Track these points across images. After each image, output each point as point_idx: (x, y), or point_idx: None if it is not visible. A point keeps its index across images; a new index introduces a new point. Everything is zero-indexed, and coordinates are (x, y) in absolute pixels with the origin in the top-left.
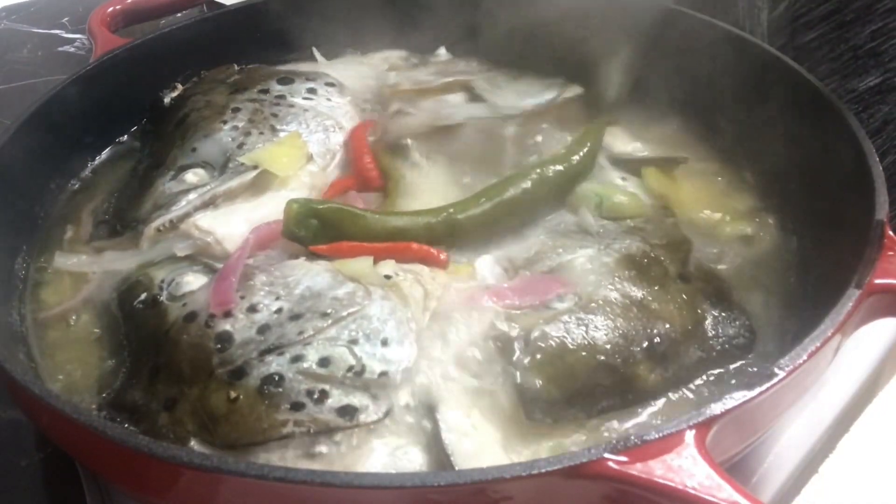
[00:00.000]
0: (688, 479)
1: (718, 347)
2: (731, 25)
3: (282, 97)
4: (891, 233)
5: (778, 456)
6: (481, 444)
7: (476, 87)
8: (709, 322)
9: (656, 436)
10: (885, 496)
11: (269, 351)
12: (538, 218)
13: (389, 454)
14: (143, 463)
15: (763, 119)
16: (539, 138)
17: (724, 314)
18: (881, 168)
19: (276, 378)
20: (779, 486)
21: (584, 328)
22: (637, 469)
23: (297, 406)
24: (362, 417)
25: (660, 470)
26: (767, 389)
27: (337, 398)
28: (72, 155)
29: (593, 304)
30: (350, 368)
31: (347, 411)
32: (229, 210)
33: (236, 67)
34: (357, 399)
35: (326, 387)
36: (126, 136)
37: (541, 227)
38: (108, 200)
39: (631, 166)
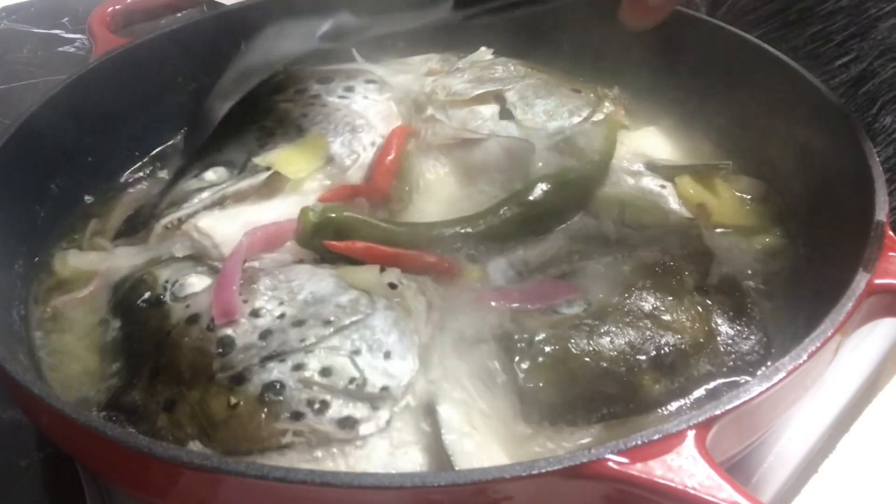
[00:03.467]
0: (688, 479)
1: (730, 363)
2: None
3: (317, 96)
4: (891, 233)
5: (778, 456)
6: (482, 444)
7: (507, 101)
8: (722, 336)
9: (656, 436)
10: (885, 496)
11: (270, 357)
12: (558, 223)
13: (389, 454)
14: (143, 463)
15: (761, 119)
16: (564, 155)
17: (739, 329)
18: (881, 168)
19: (278, 386)
20: (779, 486)
21: (589, 335)
22: (637, 469)
23: (297, 415)
24: (362, 429)
25: (660, 470)
26: (767, 389)
27: (337, 409)
28: (72, 155)
29: (602, 312)
30: (352, 380)
31: (348, 423)
32: (234, 212)
33: (281, 67)
34: (358, 410)
35: (327, 397)
36: (126, 137)
37: (561, 232)
38: (144, 202)
39: (670, 173)
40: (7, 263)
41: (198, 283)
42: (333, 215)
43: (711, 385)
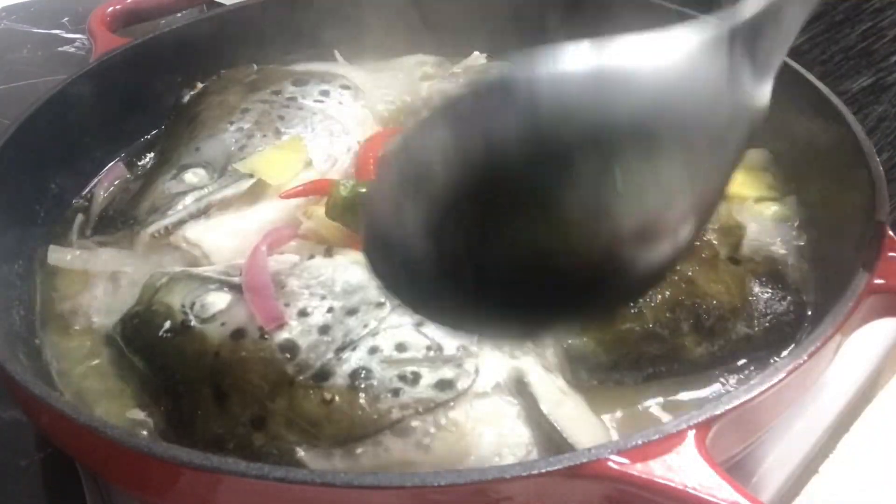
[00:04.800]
0: (688, 479)
1: (766, 324)
2: None
3: (293, 99)
4: (891, 233)
5: (778, 456)
6: (575, 407)
7: None
8: (757, 301)
9: (656, 436)
10: (885, 496)
11: (342, 348)
12: None
13: (496, 435)
14: (143, 463)
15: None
16: None
17: (773, 293)
18: (881, 168)
19: (364, 372)
20: (779, 486)
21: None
22: (637, 469)
23: (395, 391)
24: (460, 385)
25: (660, 470)
26: (767, 389)
27: (429, 376)
28: (72, 155)
29: None
30: (428, 348)
31: (445, 384)
32: (219, 220)
33: (255, 67)
34: (448, 371)
35: (415, 368)
36: (126, 137)
37: None
38: (115, 195)
39: None
40: (7, 263)
41: (218, 300)
42: (364, 190)
43: (752, 348)
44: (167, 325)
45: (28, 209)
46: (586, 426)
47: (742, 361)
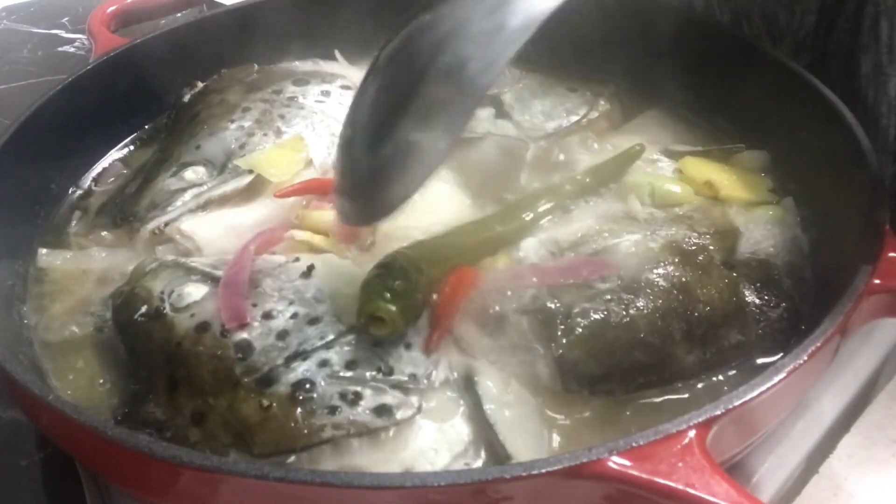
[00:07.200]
0: (688, 479)
1: (759, 331)
2: None
3: (294, 98)
4: (891, 233)
5: (778, 456)
6: (522, 413)
7: (504, 103)
8: (751, 307)
9: (656, 436)
10: (885, 496)
11: (294, 357)
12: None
13: (437, 430)
14: (143, 463)
15: (758, 120)
16: (562, 156)
17: (767, 299)
18: (881, 168)
19: (307, 385)
20: (779, 486)
21: (624, 307)
22: (637, 469)
23: (332, 409)
24: (399, 415)
25: (660, 470)
26: (767, 389)
27: (371, 399)
28: (72, 155)
29: (635, 286)
30: (378, 370)
31: (384, 410)
32: (216, 215)
33: (255, 67)
34: (391, 398)
35: (358, 388)
36: (127, 136)
37: (589, 213)
38: (114, 193)
39: (682, 157)
40: (7, 263)
41: (195, 291)
42: (390, 284)
43: (745, 356)
44: (143, 309)
45: (28, 208)
46: (525, 434)
47: (733, 370)
